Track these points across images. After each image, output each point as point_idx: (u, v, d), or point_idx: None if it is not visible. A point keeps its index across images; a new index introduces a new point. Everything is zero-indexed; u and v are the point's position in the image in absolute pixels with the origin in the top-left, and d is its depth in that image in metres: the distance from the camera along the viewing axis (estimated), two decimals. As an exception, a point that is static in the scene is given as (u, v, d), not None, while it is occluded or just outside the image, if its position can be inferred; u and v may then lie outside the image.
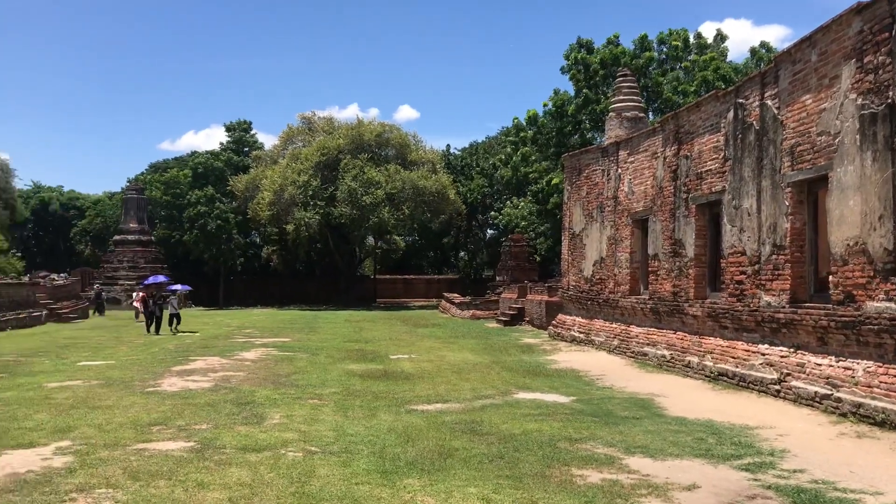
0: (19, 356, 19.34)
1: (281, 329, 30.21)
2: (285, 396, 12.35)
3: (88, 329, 31.11)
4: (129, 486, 6.83)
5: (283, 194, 51.60)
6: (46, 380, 14.44)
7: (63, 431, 9.32)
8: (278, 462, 7.80)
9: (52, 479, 7.04)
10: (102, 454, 8.08)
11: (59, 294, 40.86)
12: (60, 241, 76.69)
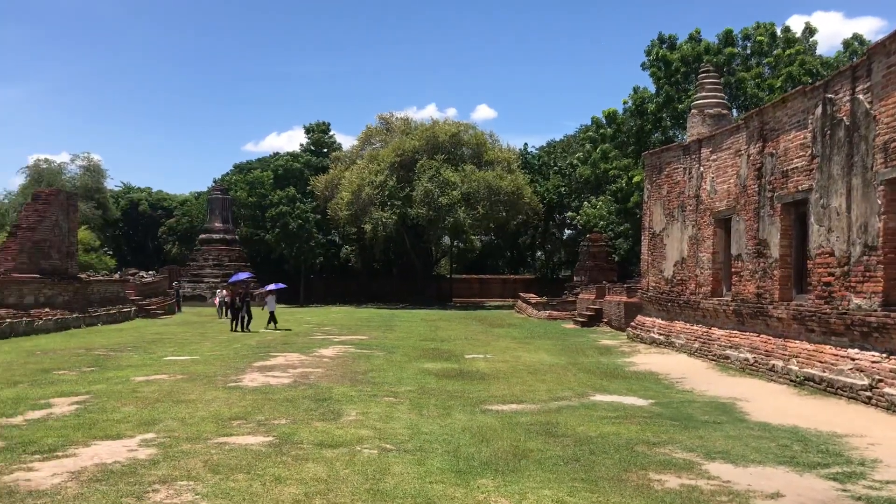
0: (109, 350, 20.11)
1: (358, 327, 30.58)
2: (361, 394, 12.48)
3: (175, 325, 32.13)
4: (209, 478, 7.00)
5: (361, 194, 52.28)
6: (134, 374, 14.96)
7: (148, 424, 9.63)
8: (353, 458, 7.87)
9: (137, 470, 7.27)
10: (185, 447, 8.30)
11: (147, 291, 42.31)
12: (149, 239, 79.44)
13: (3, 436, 8.80)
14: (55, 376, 14.56)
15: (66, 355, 18.76)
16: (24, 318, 26.30)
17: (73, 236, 33.31)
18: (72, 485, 6.71)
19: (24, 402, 11.28)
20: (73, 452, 8.00)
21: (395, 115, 62.33)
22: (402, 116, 62.11)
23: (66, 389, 12.71)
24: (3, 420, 9.84)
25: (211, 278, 55.77)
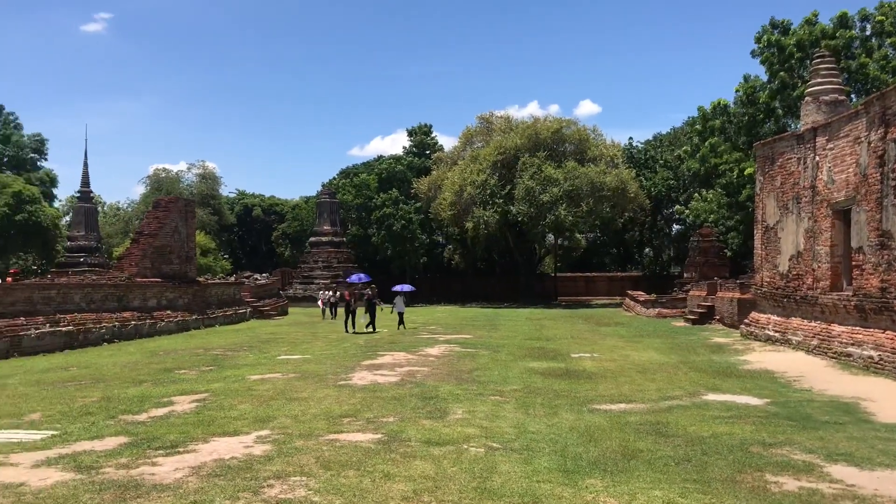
0: (226, 350, 20.94)
1: (463, 326, 30.73)
2: (467, 392, 12.53)
3: (287, 325, 33.13)
4: (321, 474, 7.18)
5: (463, 194, 52.52)
6: (249, 372, 15.52)
7: (263, 421, 9.96)
8: (461, 457, 7.91)
9: (253, 465, 7.54)
10: (297, 444, 8.54)
11: (261, 293, 43.80)
12: (262, 243, 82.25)
13: (129, 432, 9.29)
14: (176, 375, 15.27)
15: (186, 355, 19.65)
16: (148, 320, 27.68)
17: (191, 241, 34.84)
18: (192, 479, 7.02)
19: (149, 401, 11.88)
20: (194, 448, 8.36)
21: (495, 114, 62.32)
22: (503, 115, 62.05)
23: (186, 388, 13.31)
24: (130, 417, 10.39)
25: (321, 280, 57.20)
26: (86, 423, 9.94)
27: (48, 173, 74.08)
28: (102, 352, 21.38)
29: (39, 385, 13.90)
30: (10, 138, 71.86)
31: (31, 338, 20.83)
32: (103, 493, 6.52)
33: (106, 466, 7.51)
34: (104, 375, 15.36)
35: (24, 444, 8.61)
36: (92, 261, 51.74)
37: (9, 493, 6.54)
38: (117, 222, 77.30)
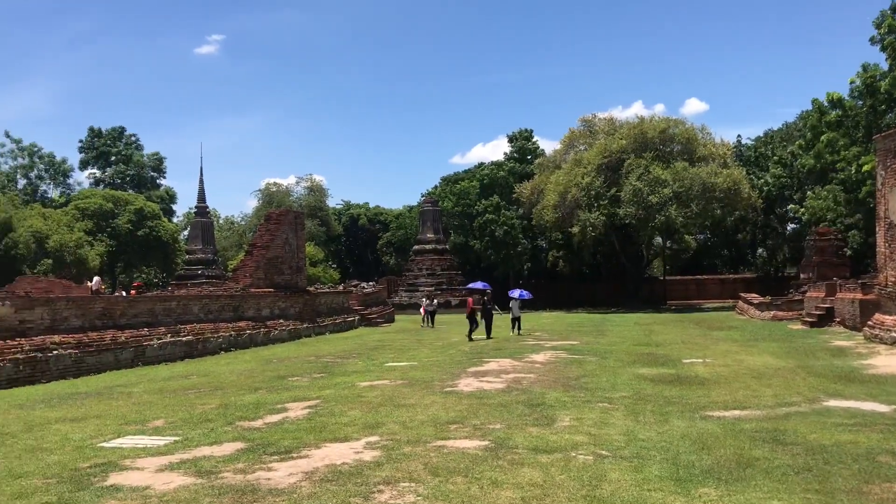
0: (336, 357, 21.43)
1: (569, 332, 30.41)
2: (575, 399, 12.38)
3: (394, 332, 33.62)
4: (429, 481, 7.24)
5: (567, 197, 52.02)
6: (359, 379, 15.83)
7: (372, 427, 10.14)
8: (569, 464, 7.82)
9: (363, 471, 7.67)
10: (406, 450, 8.65)
11: (368, 301, 44.62)
12: (368, 252, 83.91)
13: (246, 438, 9.63)
14: (289, 382, 15.73)
15: (298, 363, 20.23)
16: (262, 329, 28.65)
17: (301, 252, 35.87)
18: (306, 484, 7.21)
19: (263, 407, 12.28)
20: (306, 454, 8.59)
21: (598, 116, 61.56)
22: (606, 117, 61.21)
23: (299, 395, 13.69)
24: (246, 423, 10.77)
25: (425, 287, 57.79)
26: (205, 429, 10.37)
27: (167, 190, 77.91)
28: (220, 360, 22.26)
29: (162, 393, 14.60)
30: (131, 158, 75.99)
31: (153, 348, 21.90)
32: (222, 497, 6.77)
33: (224, 471, 7.81)
34: (222, 383, 15.99)
35: (148, 450, 9.05)
36: (209, 273, 54.02)
37: (136, 496, 6.89)
38: (232, 235, 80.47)
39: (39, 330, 18.72)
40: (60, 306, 19.94)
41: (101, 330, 20.74)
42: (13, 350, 17.22)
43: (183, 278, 53.49)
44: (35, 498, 6.89)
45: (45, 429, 10.75)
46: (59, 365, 18.22)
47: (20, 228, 43.48)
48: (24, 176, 71.60)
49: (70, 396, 14.42)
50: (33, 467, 8.20)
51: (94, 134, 76.49)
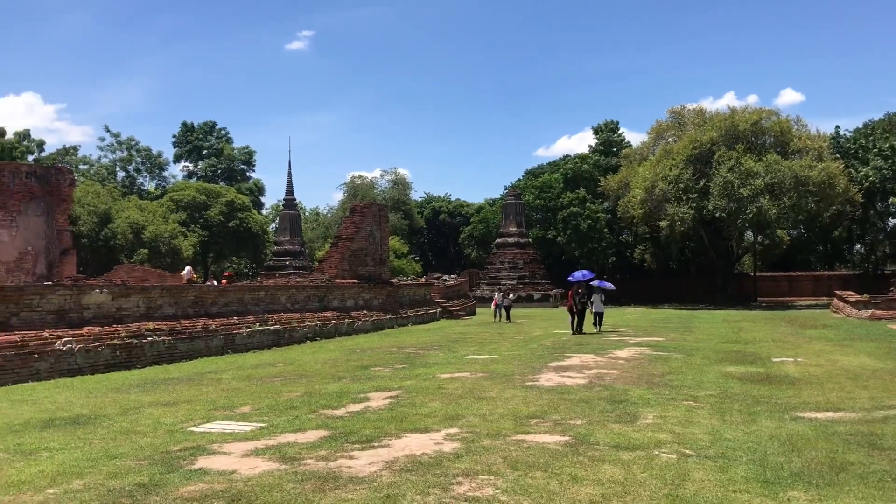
0: (418, 349, 21.61)
1: (654, 328, 29.85)
2: (659, 397, 12.14)
3: (476, 325, 33.67)
4: (508, 474, 7.22)
5: (654, 191, 51.03)
6: (439, 371, 15.91)
7: (452, 419, 10.17)
8: (651, 462, 7.67)
9: (443, 462, 7.70)
10: (485, 442, 8.64)
11: (450, 293, 44.86)
12: (450, 245, 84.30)
13: (328, 426, 9.80)
14: (372, 372, 15.95)
15: (380, 353, 20.49)
16: (346, 319, 29.13)
17: (384, 244, 36.31)
18: (386, 473, 7.28)
19: (347, 396, 12.48)
20: (387, 443, 8.68)
21: (686, 107, 60.10)
22: (695, 108, 59.66)
23: (381, 385, 13.86)
24: (329, 412, 10.96)
25: (507, 280, 57.68)
26: (290, 416, 10.60)
27: (256, 183, 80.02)
28: (305, 349, 22.75)
29: (250, 380, 15.01)
30: (222, 152, 78.32)
31: (242, 336, 22.53)
32: (304, 484, 6.91)
33: (307, 458, 7.97)
34: (307, 371, 16.33)
35: (235, 435, 9.31)
36: (296, 264, 55.26)
37: (222, 480, 7.10)
38: (318, 227, 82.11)
39: (135, 317, 19.50)
40: (155, 294, 20.73)
41: (193, 318, 21.47)
42: (110, 336, 17.99)
43: (271, 269, 54.87)
44: (128, 478, 7.18)
45: (139, 412, 11.19)
46: (153, 351, 18.95)
47: (118, 219, 45.35)
48: (122, 169, 74.70)
49: (163, 382, 14.98)
50: (127, 449, 8.55)
51: (187, 128, 79.20)
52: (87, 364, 16.87)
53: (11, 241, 26.23)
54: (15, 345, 15.47)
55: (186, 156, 79.06)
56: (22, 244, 26.37)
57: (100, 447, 8.68)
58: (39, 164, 38.69)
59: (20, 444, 8.90)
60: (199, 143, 78.37)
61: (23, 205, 26.47)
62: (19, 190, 26.50)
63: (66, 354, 16.45)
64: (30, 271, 26.10)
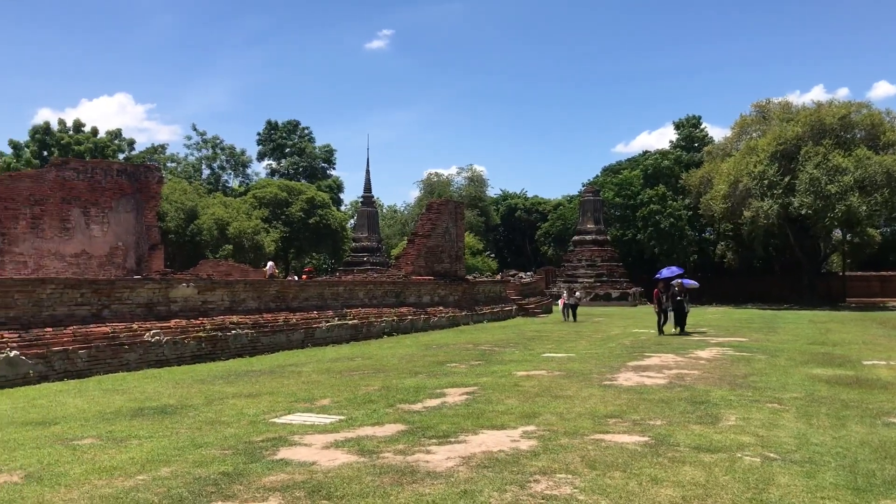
0: (493, 346, 21.60)
1: (736, 328, 29.09)
2: (741, 398, 11.82)
3: (551, 323, 33.44)
4: (586, 473, 7.15)
5: (738, 187, 49.69)
6: (515, 368, 15.87)
7: (528, 417, 10.13)
8: (734, 465, 7.48)
9: (520, 460, 7.68)
10: (562, 441, 8.58)
11: (525, 291, 44.69)
12: (526, 242, 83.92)
13: (406, 420, 9.89)
14: (448, 368, 16.01)
15: (456, 349, 20.56)
16: (422, 315, 29.33)
17: (460, 241, 36.41)
18: (463, 469, 7.31)
19: (423, 391, 12.57)
20: (464, 439, 8.70)
21: (772, 101, 58.28)
22: (781, 102, 57.80)
23: (457, 381, 13.90)
24: (406, 406, 11.06)
25: (584, 278, 57.11)
26: (368, 409, 10.74)
27: (335, 180, 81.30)
28: (382, 344, 23.01)
29: (329, 373, 15.27)
30: (304, 150, 79.89)
31: (322, 330, 22.94)
32: (382, 477, 6.99)
33: (385, 451, 8.06)
34: (384, 366, 16.52)
35: (315, 427, 9.49)
36: (373, 260, 55.96)
37: (303, 471, 7.25)
38: (395, 224, 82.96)
39: (220, 310, 20.08)
40: (239, 289, 21.29)
41: (275, 312, 21.97)
42: (196, 329, 18.57)
43: (349, 264, 55.72)
44: (213, 467, 7.39)
45: (223, 403, 11.52)
46: (237, 343, 19.47)
47: (204, 216, 46.71)
48: (208, 166, 77.02)
49: (246, 373, 15.38)
50: (212, 438, 8.81)
51: (271, 127, 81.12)
52: (173, 355, 17.46)
53: (103, 236, 27.31)
54: (107, 336, 16.13)
55: (270, 154, 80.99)
56: (113, 239, 27.42)
57: (186, 436, 8.97)
58: (130, 163, 40.19)
59: (111, 432, 9.27)
60: (283, 142, 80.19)
61: (114, 201, 27.51)
62: (110, 187, 27.55)
63: (155, 346, 17.06)
64: (120, 265, 27.13)
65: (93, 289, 16.81)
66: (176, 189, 48.14)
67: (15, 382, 13.76)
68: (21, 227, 26.25)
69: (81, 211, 27.01)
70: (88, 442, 8.67)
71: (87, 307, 16.45)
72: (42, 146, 47.10)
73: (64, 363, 14.88)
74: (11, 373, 13.80)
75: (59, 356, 14.81)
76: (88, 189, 27.13)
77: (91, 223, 27.13)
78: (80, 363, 15.20)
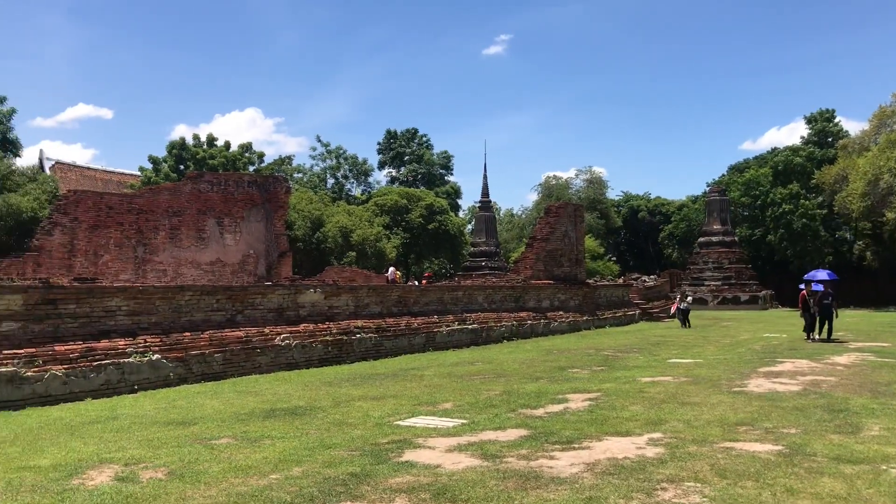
0: (616, 351, 21.22)
1: (878, 332, 27.44)
2: (885, 407, 11.13)
3: (676, 328, 32.54)
4: (715, 482, 6.92)
5: (878, 184, 46.85)
6: (639, 374, 15.53)
7: (654, 424, 9.89)
8: (878, 478, 7.05)
9: (646, 467, 7.51)
10: (690, 449, 8.33)
11: (649, 294, 43.69)
12: (649, 244, 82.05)
13: (528, 425, 9.86)
14: (569, 374, 15.86)
15: (577, 354, 20.33)
16: (542, 319, 29.17)
17: (580, 245, 36.00)
18: (587, 475, 7.22)
19: (545, 396, 12.50)
20: (587, 445, 8.60)
21: (915, 90, 54.62)
22: (925, 91, 54.09)
23: (579, 386, 13.75)
24: (528, 411, 11.03)
25: (711, 281, 55.33)
26: (490, 414, 10.78)
27: (453, 186, 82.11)
28: (502, 348, 23.03)
29: (450, 377, 15.42)
30: (422, 157, 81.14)
31: (442, 334, 23.20)
32: (506, 481, 7.00)
33: (508, 456, 8.06)
34: (504, 371, 16.53)
35: (438, 430, 9.61)
36: (492, 264, 56.10)
37: (428, 473, 7.35)
38: (512, 228, 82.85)
39: (345, 315, 20.65)
40: (362, 294, 21.83)
41: (397, 316, 22.39)
42: (323, 333, 19.16)
43: (468, 269, 56.09)
44: (342, 467, 7.61)
45: (350, 405, 11.83)
46: (361, 347, 19.96)
47: (329, 224, 48.15)
48: (332, 176, 79.36)
49: (370, 377, 15.75)
50: (340, 440, 9.06)
51: (391, 136, 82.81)
52: (302, 359, 18.08)
53: (236, 244, 28.64)
54: (240, 340, 16.88)
55: (390, 162, 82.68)
56: (245, 247, 28.71)
57: (315, 437, 9.27)
58: (259, 174, 41.95)
59: (246, 432, 9.69)
60: (402, 150, 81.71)
61: (245, 211, 28.81)
62: (242, 198, 28.88)
63: (285, 349, 17.72)
64: (251, 272, 28.36)
65: (227, 295, 17.63)
66: (302, 199, 49.82)
67: (157, 384, 14.61)
68: (161, 238, 27.90)
69: (216, 221, 28.44)
70: (225, 442, 9.10)
71: (221, 312, 17.28)
72: (178, 160, 49.80)
73: (201, 366, 15.68)
74: (154, 375, 14.66)
75: (196, 359, 15.62)
76: (222, 200, 28.53)
77: (225, 232, 28.50)
78: (215, 366, 15.98)
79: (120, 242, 27.39)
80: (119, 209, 27.61)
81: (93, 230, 27.04)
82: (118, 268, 27.01)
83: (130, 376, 14.23)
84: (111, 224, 27.32)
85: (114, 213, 27.49)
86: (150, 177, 47.78)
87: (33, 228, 27.73)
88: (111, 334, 14.60)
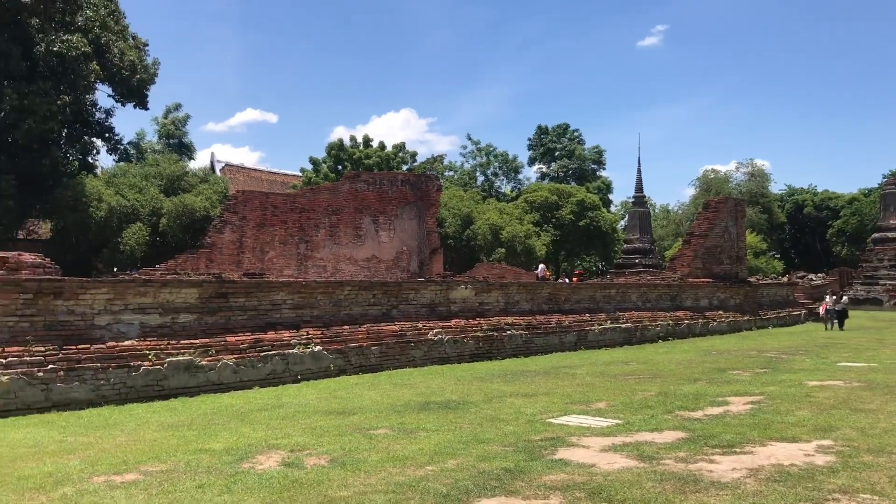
0: (780, 353, 20.16)
1: None
2: None
3: (846, 330, 30.49)
4: (894, 495, 6.42)
5: None
6: (806, 378, 14.68)
7: (824, 430, 9.32)
8: None
9: (815, 476, 7.08)
10: (865, 458, 7.78)
11: (816, 294, 41.18)
12: (816, 241, 77.35)
13: (686, 427, 9.54)
14: (730, 376, 15.21)
15: (738, 356, 19.47)
16: (700, 319, 28.16)
17: (741, 241, 34.46)
18: (750, 481, 6.90)
19: (704, 399, 12.05)
20: (750, 450, 8.21)
21: None
22: None
23: (740, 389, 13.17)
24: (686, 413, 10.68)
25: (887, 280, 51.51)
26: (645, 415, 10.52)
27: (604, 181, 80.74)
28: (658, 348, 22.42)
29: (603, 376, 15.18)
30: (574, 153, 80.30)
31: (594, 333, 22.86)
32: (664, 483, 6.80)
33: (665, 458, 7.83)
34: (660, 371, 16.08)
35: (592, 429, 9.48)
36: (646, 262, 54.65)
37: (582, 472, 7.27)
38: (668, 224, 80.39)
39: (495, 311, 20.76)
40: (512, 291, 21.87)
41: (547, 314, 22.27)
42: (474, 328, 19.36)
43: (620, 267, 54.92)
44: (496, 462, 7.66)
45: (501, 401, 11.89)
46: (512, 344, 20.01)
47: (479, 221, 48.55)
48: (482, 173, 79.94)
49: (521, 373, 15.76)
50: (492, 435, 9.12)
51: (542, 132, 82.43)
52: (454, 353, 18.36)
53: (390, 241, 29.46)
54: (395, 334, 17.36)
55: (540, 158, 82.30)
56: (398, 244, 29.48)
57: (469, 431, 9.38)
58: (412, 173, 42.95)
59: (402, 423, 9.95)
60: (553, 146, 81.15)
61: (399, 209, 29.58)
62: (396, 196, 29.66)
63: (437, 344, 18.05)
64: (405, 269, 29.08)
65: (383, 290, 18.16)
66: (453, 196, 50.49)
67: (318, 375, 15.27)
68: (321, 235, 29.14)
69: (371, 219, 29.39)
70: (382, 432, 9.38)
71: (377, 307, 17.82)
72: (337, 161, 51.75)
73: (359, 358, 16.25)
74: (315, 366, 15.33)
75: (354, 352, 16.20)
76: (377, 199, 29.44)
77: (380, 230, 29.39)
78: (372, 359, 16.52)
79: (284, 239, 28.82)
80: (283, 208, 29.05)
81: (259, 228, 28.60)
82: (282, 263, 28.43)
83: (294, 367, 14.96)
84: (276, 222, 28.79)
85: (278, 211, 28.95)
86: (311, 177, 49.95)
87: (205, 226, 29.61)
88: (277, 326, 15.41)
